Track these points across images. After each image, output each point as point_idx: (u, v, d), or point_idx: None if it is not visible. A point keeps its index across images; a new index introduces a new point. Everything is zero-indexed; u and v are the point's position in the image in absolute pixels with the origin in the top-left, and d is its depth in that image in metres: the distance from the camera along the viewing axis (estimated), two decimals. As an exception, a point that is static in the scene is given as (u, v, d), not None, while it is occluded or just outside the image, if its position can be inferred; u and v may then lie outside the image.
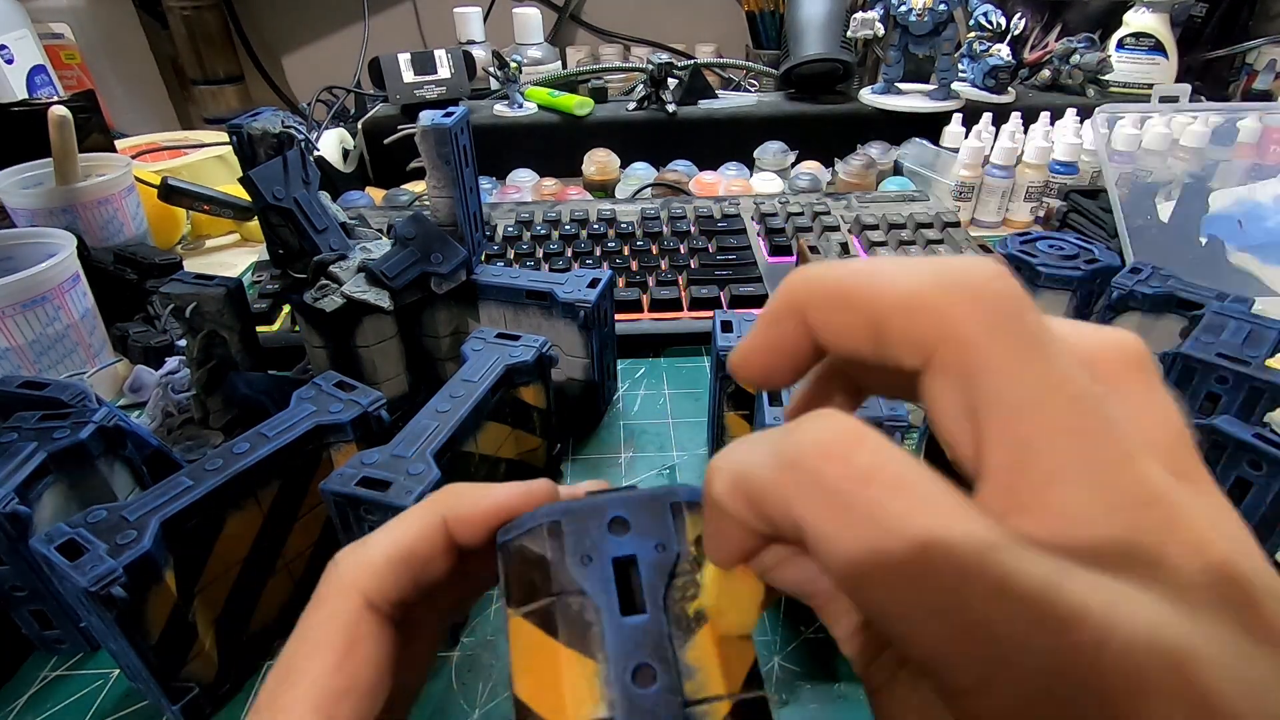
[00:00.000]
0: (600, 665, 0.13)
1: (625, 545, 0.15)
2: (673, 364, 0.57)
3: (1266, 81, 0.99)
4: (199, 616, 0.31)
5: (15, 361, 0.49)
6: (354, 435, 0.35)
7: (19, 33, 0.95)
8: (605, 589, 0.14)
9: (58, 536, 0.27)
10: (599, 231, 0.69)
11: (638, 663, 0.13)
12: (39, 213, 0.62)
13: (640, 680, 0.13)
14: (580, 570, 0.15)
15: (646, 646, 0.14)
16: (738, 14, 1.17)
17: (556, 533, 0.15)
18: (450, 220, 0.46)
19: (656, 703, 0.13)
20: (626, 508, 0.15)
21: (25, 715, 0.34)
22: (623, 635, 0.14)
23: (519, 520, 0.16)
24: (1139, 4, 0.93)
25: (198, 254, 0.79)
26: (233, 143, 0.40)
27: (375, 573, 0.18)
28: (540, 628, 0.14)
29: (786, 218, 0.70)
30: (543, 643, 0.14)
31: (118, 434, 0.35)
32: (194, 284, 0.46)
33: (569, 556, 0.15)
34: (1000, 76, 0.90)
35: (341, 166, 0.88)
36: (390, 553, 0.18)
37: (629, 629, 0.14)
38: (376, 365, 0.47)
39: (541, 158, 0.89)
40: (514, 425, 0.42)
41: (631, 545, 0.15)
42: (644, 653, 0.14)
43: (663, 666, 0.13)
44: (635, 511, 0.15)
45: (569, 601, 0.14)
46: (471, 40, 1.04)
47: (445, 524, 0.18)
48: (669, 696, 0.13)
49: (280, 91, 1.33)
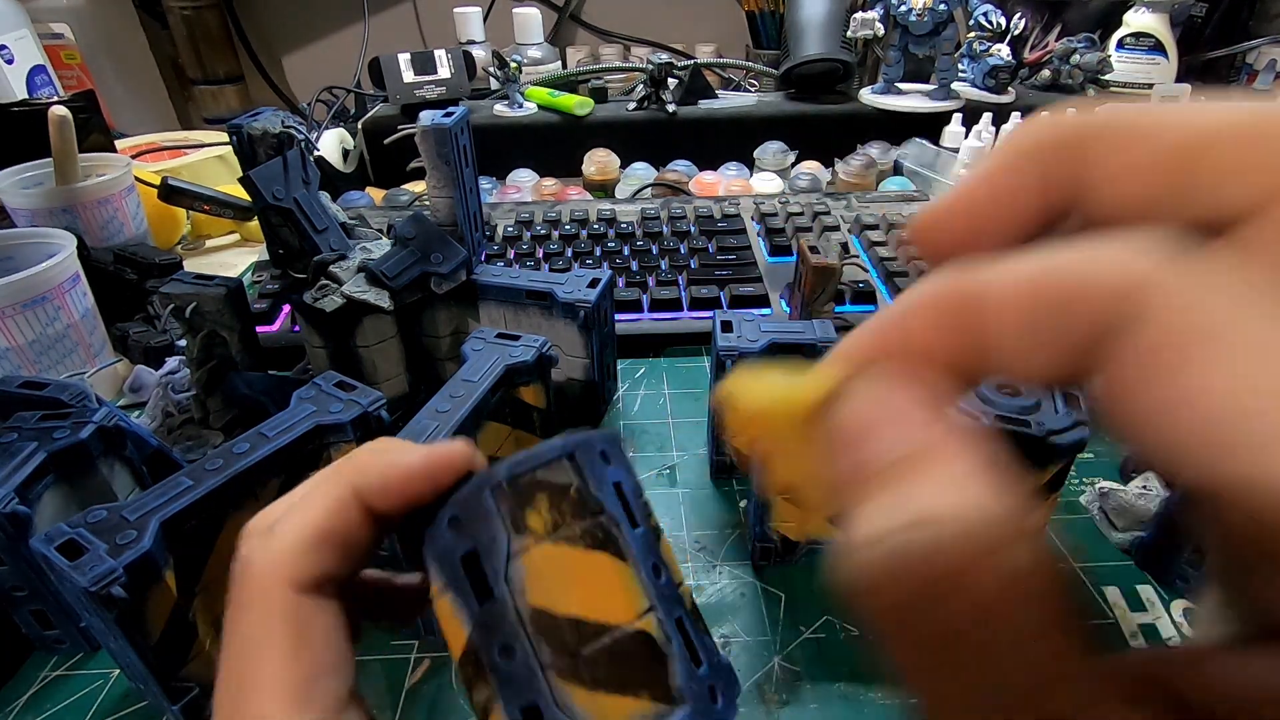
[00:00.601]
0: (631, 568, 0.17)
1: (613, 473, 0.18)
2: (673, 364, 0.57)
3: (1266, 81, 0.99)
4: (199, 616, 0.31)
5: (15, 361, 0.49)
6: (354, 435, 0.35)
7: (19, 33, 0.95)
8: (616, 507, 0.17)
9: (58, 536, 0.27)
10: (599, 231, 0.69)
11: (653, 561, 0.17)
12: (39, 213, 0.62)
13: (655, 574, 0.17)
14: (600, 493, 0.17)
15: (649, 550, 0.17)
16: (738, 14, 1.17)
17: (576, 464, 0.17)
18: (450, 220, 0.46)
19: (666, 590, 0.17)
20: (605, 442, 0.18)
21: (25, 715, 0.34)
22: (635, 542, 0.17)
23: (512, 462, 0.17)
24: (1139, 4, 0.93)
25: (198, 254, 0.79)
26: (233, 143, 0.40)
27: (293, 560, 0.17)
28: (584, 547, 0.16)
29: (786, 218, 0.70)
30: (587, 560, 0.16)
31: (118, 434, 0.35)
32: (194, 284, 0.46)
33: (590, 482, 0.17)
34: (1000, 76, 0.90)
35: (341, 166, 0.88)
36: (303, 536, 0.17)
37: (637, 536, 0.17)
38: (376, 365, 0.47)
39: (541, 158, 0.89)
40: (514, 425, 0.42)
41: (615, 474, 0.18)
42: (652, 555, 0.17)
43: (662, 564, 0.17)
44: (610, 445, 0.18)
45: (602, 520, 0.17)
46: (471, 40, 1.04)
47: (356, 494, 0.18)
48: (672, 584, 0.17)
49: (280, 91, 1.33)
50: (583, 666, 0.15)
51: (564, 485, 0.17)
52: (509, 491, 0.17)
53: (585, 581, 0.16)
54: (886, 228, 0.68)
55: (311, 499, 0.18)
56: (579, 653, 0.15)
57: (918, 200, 0.74)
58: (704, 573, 0.39)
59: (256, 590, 0.17)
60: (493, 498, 0.17)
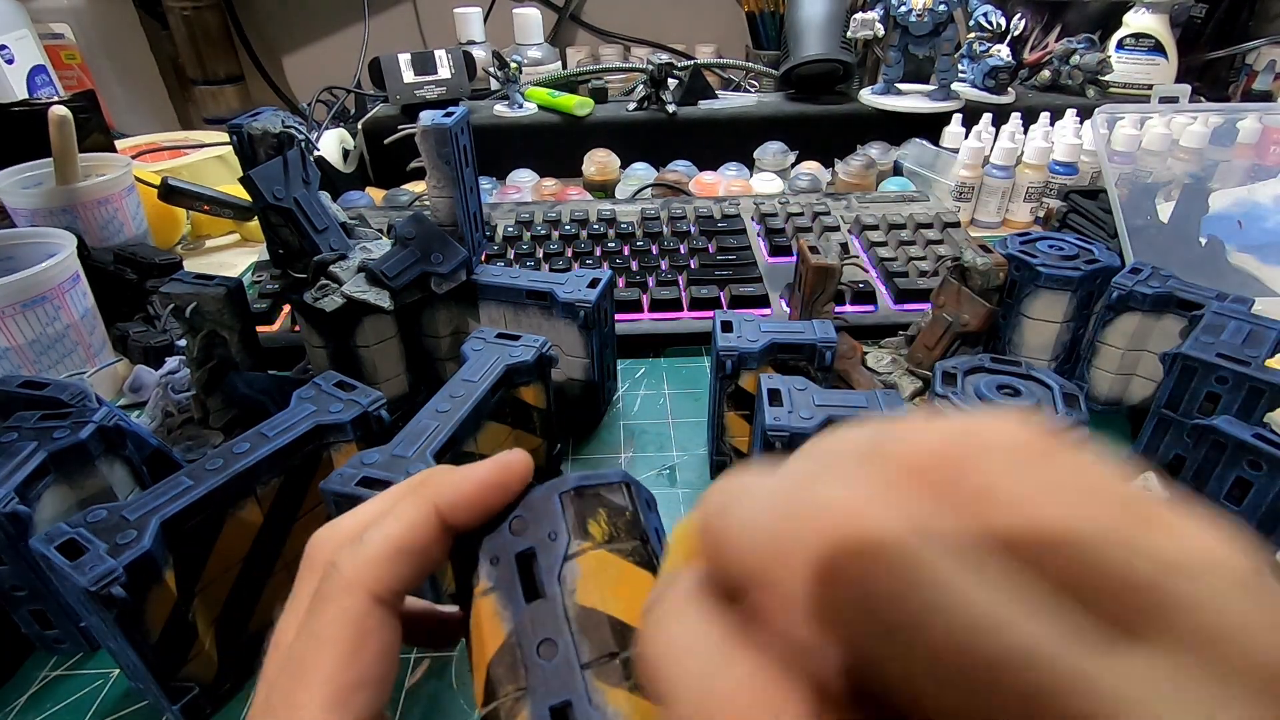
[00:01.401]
0: None
1: (653, 519, 0.19)
2: (673, 364, 0.57)
3: (1266, 82, 0.99)
4: (199, 616, 0.31)
5: (15, 361, 0.49)
6: (354, 435, 0.35)
7: (19, 33, 0.95)
8: (657, 544, 0.19)
9: (58, 536, 0.27)
10: (599, 231, 0.69)
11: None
12: (39, 213, 0.62)
13: None
14: (646, 525, 0.19)
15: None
16: (738, 14, 1.17)
17: (631, 492, 0.19)
18: (450, 220, 0.46)
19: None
20: (649, 495, 0.20)
21: (25, 715, 0.34)
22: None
23: (580, 476, 0.19)
24: (1139, 4, 0.93)
25: (198, 254, 0.79)
26: (233, 143, 0.40)
27: (377, 568, 0.18)
28: (634, 563, 0.18)
29: (786, 218, 0.70)
30: (633, 574, 0.18)
31: (118, 434, 0.35)
32: (194, 284, 0.46)
33: (640, 512, 0.19)
34: (1000, 77, 0.90)
35: (341, 166, 0.88)
36: (390, 547, 0.18)
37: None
38: (376, 365, 0.47)
39: (541, 158, 0.89)
40: (514, 425, 0.42)
41: (654, 521, 0.19)
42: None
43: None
44: (652, 499, 0.20)
45: (648, 546, 0.18)
46: (471, 40, 1.04)
47: (438, 512, 0.19)
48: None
49: (280, 91, 1.33)
50: (622, 668, 0.16)
51: (621, 506, 0.19)
52: (575, 498, 0.18)
53: (631, 591, 0.17)
54: (886, 228, 0.68)
55: (397, 512, 0.19)
56: (619, 653, 0.16)
57: (918, 200, 0.74)
58: (704, 573, 0.39)
59: (339, 590, 0.18)
60: (560, 501, 0.18)
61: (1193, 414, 0.40)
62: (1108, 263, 0.47)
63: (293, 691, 0.17)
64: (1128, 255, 0.61)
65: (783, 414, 0.35)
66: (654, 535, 0.19)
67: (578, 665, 0.16)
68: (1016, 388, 0.36)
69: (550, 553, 0.17)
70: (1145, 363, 0.47)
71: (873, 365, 0.53)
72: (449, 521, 0.19)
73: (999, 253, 0.48)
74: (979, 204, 0.80)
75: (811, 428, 0.35)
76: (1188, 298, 0.44)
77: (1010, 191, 0.78)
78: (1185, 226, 0.65)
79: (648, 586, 0.17)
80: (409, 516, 0.19)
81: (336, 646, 0.17)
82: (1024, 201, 0.79)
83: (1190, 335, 0.40)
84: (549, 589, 0.17)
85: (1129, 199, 0.65)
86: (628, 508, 0.18)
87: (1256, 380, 0.37)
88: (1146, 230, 0.64)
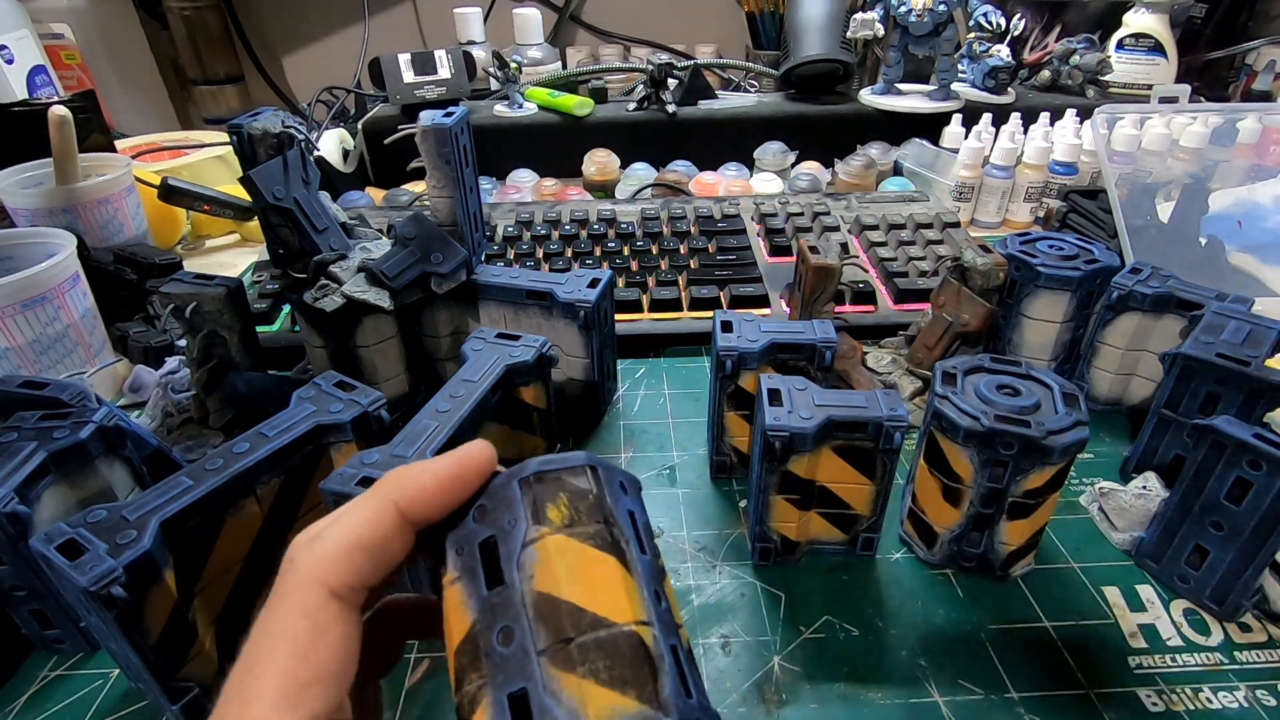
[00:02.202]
0: (635, 580, 0.17)
1: (629, 503, 0.19)
2: (673, 364, 0.57)
3: (1266, 82, 0.99)
4: (199, 616, 0.31)
5: (15, 361, 0.49)
6: (354, 435, 0.35)
7: (19, 33, 0.95)
8: (629, 529, 0.18)
9: (58, 536, 0.27)
10: (599, 232, 0.69)
11: (655, 588, 0.18)
12: (39, 213, 0.62)
13: (657, 599, 0.18)
14: (615, 508, 0.18)
15: (653, 577, 0.18)
16: (738, 14, 1.17)
17: (596, 475, 0.19)
18: (450, 220, 0.46)
19: (665, 618, 0.17)
20: (627, 477, 0.20)
21: (25, 715, 0.34)
22: (642, 565, 0.18)
23: (540, 461, 0.19)
24: (1139, 4, 0.93)
25: (198, 254, 0.79)
26: (233, 143, 0.40)
27: (333, 563, 0.18)
28: (595, 546, 0.17)
29: (786, 218, 0.70)
30: (595, 558, 0.17)
31: (118, 434, 0.35)
32: (194, 284, 0.46)
33: (606, 496, 0.18)
34: (1000, 77, 0.90)
35: (341, 166, 0.88)
36: (343, 543, 0.18)
37: (645, 561, 0.18)
38: (376, 365, 0.47)
39: (541, 158, 0.89)
40: (514, 425, 0.42)
41: (631, 504, 0.19)
42: (655, 583, 0.18)
43: (664, 597, 0.18)
44: (630, 481, 0.20)
45: (614, 530, 0.18)
46: (471, 40, 1.04)
47: (397, 508, 0.19)
48: (672, 619, 0.18)
49: (280, 91, 1.33)
50: (575, 653, 0.16)
51: (584, 490, 0.18)
52: (534, 484, 0.18)
53: (590, 577, 0.17)
54: (886, 228, 0.68)
55: (355, 508, 0.19)
56: (573, 639, 0.16)
57: (918, 200, 0.74)
58: (704, 573, 0.39)
59: (294, 584, 0.18)
60: (519, 487, 0.18)
61: (1193, 414, 0.40)
62: (1108, 263, 0.47)
63: (245, 688, 0.17)
64: (1128, 255, 0.61)
65: (783, 414, 0.35)
66: (625, 518, 0.19)
67: (534, 652, 0.16)
68: (1016, 388, 0.36)
69: (509, 540, 0.18)
70: (1145, 363, 0.47)
71: (873, 365, 0.53)
72: (410, 516, 0.19)
73: (999, 253, 0.48)
74: (979, 204, 0.80)
75: (811, 428, 0.34)
76: (1188, 298, 0.44)
77: (1010, 191, 0.78)
78: (1185, 226, 0.65)
79: (610, 569, 0.17)
80: (364, 513, 0.19)
81: (290, 643, 0.17)
82: (1024, 201, 0.79)
83: (1190, 335, 0.40)
84: (509, 576, 0.17)
85: (1129, 199, 0.65)
86: (591, 490, 0.18)
87: (1256, 380, 0.37)
88: (1146, 230, 0.64)
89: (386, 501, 0.19)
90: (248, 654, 0.17)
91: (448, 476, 0.19)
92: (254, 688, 0.17)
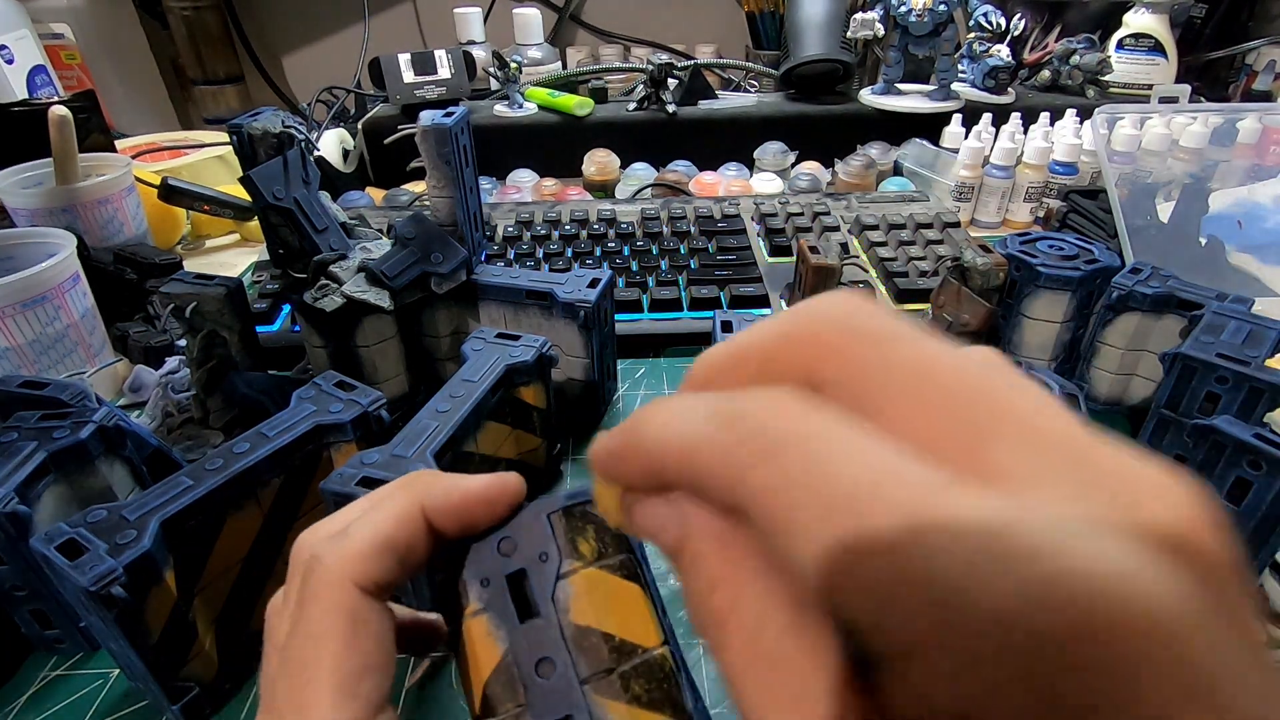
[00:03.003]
0: (656, 604, 0.19)
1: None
2: (673, 364, 0.57)
3: (1266, 82, 0.99)
4: (199, 616, 0.31)
5: (15, 361, 0.49)
6: (354, 435, 0.35)
7: (19, 33, 0.95)
8: (641, 555, 0.19)
9: (58, 536, 0.27)
10: (599, 231, 0.69)
11: (661, 607, 0.19)
12: (39, 213, 0.62)
13: (664, 617, 0.19)
14: (630, 537, 0.19)
15: (657, 592, 0.19)
16: (738, 14, 1.17)
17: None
18: (450, 220, 0.46)
19: (670, 635, 0.18)
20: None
21: (25, 715, 0.34)
22: (653, 585, 0.19)
23: (567, 495, 0.19)
24: (1139, 4, 0.93)
25: (198, 254, 0.79)
26: (233, 143, 0.40)
27: (362, 561, 0.18)
28: (622, 576, 0.18)
29: (786, 218, 0.70)
30: (623, 588, 0.18)
31: (118, 434, 0.35)
32: (194, 284, 0.46)
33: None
34: (1000, 77, 0.90)
35: (341, 166, 0.88)
36: (374, 541, 0.18)
37: (653, 583, 0.19)
38: (376, 365, 0.47)
39: (541, 158, 0.89)
40: (514, 425, 0.42)
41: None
42: (659, 603, 0.19)
43: (665, 616, 0.19)
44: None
45: (634, 557, 0.19)
46: (471, 40, 1.04)
47: (423, 511, 0.19)
48: (674, 634, 0.19)
49: (280, 91, 1.33)
50: (619, 682, 0.17)
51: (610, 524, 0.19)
52: (564, 517, 0.19)
53: (622, 606, 0.18)
54: (886, 228, 0.68)
55: (384, 507, 0.19)
56: (616, 668, 0.17)
57: (918, 200, 0.74)
58: (704, 573, 0.39)
59: (324, 585, 0.18)
60: (550, 522, 0.19)
61: (1193, 414, 0.40)
62: (1108, 263, 0.47)
63: (298, 692, 0.17)
64: (1128, 255, 0.61)
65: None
66: (638, 545, 0.19)
67: (577, 682, 0.17)
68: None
69: (542, 574, 0.18)
70: (1145, 363, 0.47)
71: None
72: (434, 524, 0.19)
73: (999, 253, 0.48)
74: (979, 204, 0.80)
75: None
76: (1188, 298, 0.44)
77: (1010, 191, 0.78)
78: (1185, 226, 0.65)
79: (637, 599, 0.18)
80: (395, 511, 0.19)
81: (333, 640, 0.17)
82: (1024, 201, 0.79)
83: (1190, 335, 0.40)
84: (543, 609, 0.18)
85: (1129, 199, 0.65)
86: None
87: (1256, 380, 0.37)
88: (1146, 230, 0.64)
89: (415, 503, 0.19)
90: (290, 658, 0.17)
91: (478, 497, 0.19)
92: (309, 691, 0.17)
